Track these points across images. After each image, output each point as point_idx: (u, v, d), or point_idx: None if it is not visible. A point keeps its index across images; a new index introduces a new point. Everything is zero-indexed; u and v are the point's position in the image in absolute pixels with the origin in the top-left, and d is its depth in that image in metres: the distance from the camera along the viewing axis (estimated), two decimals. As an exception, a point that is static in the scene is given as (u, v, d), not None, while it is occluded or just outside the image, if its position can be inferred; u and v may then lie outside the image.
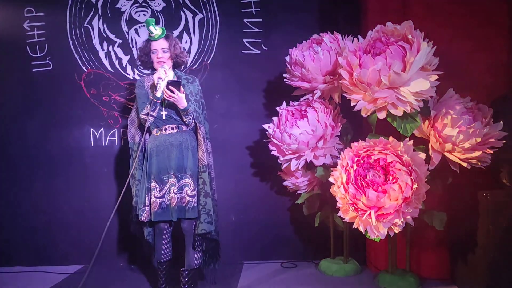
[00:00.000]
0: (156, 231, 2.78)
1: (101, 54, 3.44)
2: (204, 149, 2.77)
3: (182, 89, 2.70)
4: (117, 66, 3.43)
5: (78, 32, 3.42)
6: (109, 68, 3.44)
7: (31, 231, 3.46)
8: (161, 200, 2.68)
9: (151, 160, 2.74)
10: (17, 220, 3.46)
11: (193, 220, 2.70)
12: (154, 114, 2.72)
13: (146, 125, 2.72)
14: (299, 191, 3.19)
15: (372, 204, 2.45)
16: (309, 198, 3.16)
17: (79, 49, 3.43)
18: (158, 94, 2.68)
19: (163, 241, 2.77)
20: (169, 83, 2.66)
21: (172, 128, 2.76)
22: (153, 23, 2.72)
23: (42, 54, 3.42)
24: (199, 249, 2.75)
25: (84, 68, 3.43)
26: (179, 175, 2.69)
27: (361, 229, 2.53)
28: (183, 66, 2.98)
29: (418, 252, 2.97)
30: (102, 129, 3.44)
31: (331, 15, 3.31)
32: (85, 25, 3.43)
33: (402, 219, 2.45)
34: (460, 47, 2.86)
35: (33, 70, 3.43)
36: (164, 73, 2.71)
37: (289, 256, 3.43)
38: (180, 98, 2.68)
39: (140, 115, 2.76)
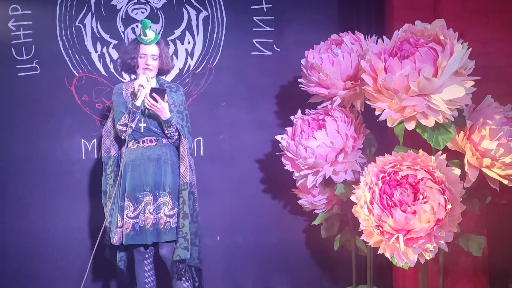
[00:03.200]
0: (135, 257, 2.80)
1: (94, 57, 3.49)
2: (187, 165, 2.81)
3: (166, 97, 2.76)
4: (112, 69, 3.48)
5: (68, 32, 3.48)
6: (103, 72, 3.48)
7: (15, 255, 3.48)
8: (135, 221, 2.72)
9: (125, 175, 2.78)
10: (-1, 243, 3.50)
11: (173, 245, 2.72)
12: (133, 125, 2.77)
13: (123, 137, 2.78)
14: (316, 211, 3.18)
15: (400, 226, 2.44)
16: (328, 218, 3.16)
17: (70, 51, 3.48)
18: (138, 103, 2.74)
19: (145, 268, 2.79)
20: (152, 90, 2.72)
21: (151, 141, 2.81)
22: (150, 26, 2.79)
23: (29, 56, 3.48)
24: (186, 278, 2.76)
25: (75, 72, 3.48)
26: (156, 193, 2.74)
27: (388, 255, 2.52)
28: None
29: (452, 281, 2.95)
30: (95, 140, 3.48)
31: (352, 13, 3.33)
32: (77, 24, 3.48)
33: (435, 244, 2.44)
34: (498, 49, 2.86)
35: (19, 74, 3.48)
36: (146, 80, 2.78)
37: (305, 284, 3.43)
38: (163, 108, 2.74)
39: (117, 125, 2.80)
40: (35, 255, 3.47)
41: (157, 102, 2.72)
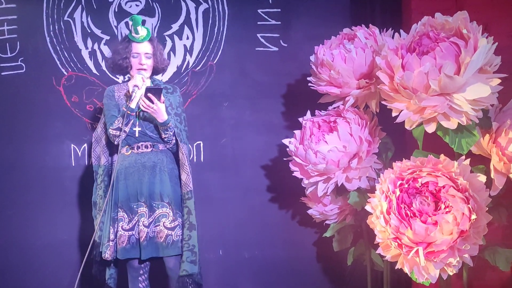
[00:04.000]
0: (129, 273, 2.80)
1: (85, 54, 3.50)
2: (188, 172, 2.83)
3: (162, 98, 2.78)
4: (104, 68, 3.49)
5: (56, 27, 3.49)
6: (94, 71, 3.50)
7: (-1, 271, 3.50)
8: (130, 233, 2.74)
9: (118, 184, 2.80)
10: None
11: (180, 257, 2.74)
12: (127, 129, 2.79)
13: (116, 142, 2.80)
14: (327, 222, 3.18)
15: (420, 239, 2.43)
16: (340, 230, 3.16)
17: (58, 48, 3.50)
18: (133, 105, 2.77)
19: (140, 285, 2.79)
20: (147, 90, 2.75)
21: (146, 147, 2.83)
22: (141, 22, 2.82)
23: (13, 54, 3.49)
24: None
25: (64, 70, 3.49)
26: (153, 204, 2.76)
27: (406, 270, 2.51)
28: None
29: (478, 298, 2.95)
30: (85, 145, 3.48)
31: (366, 4, 3.34)
32: (65, 18, 3.50)
33: (458, 258, 2.43)
34: (527, 43, 2.86)
35: (2, 73, 3.49)
36: (142, 80, 2.82)
37: (316, 302, 3.42)
38: (160, 109, 2.75)
39: (109, 130, 2.82)
40: (20, 271, 3.47)
41: (153, 103, 2.74)
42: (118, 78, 3.48)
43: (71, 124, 3.48)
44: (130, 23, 2.86)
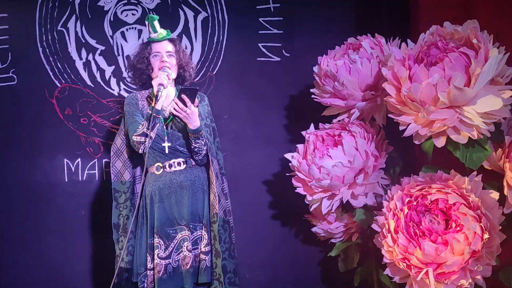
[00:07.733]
0: None
1: (79, 64, 3.51)
2: (217, 191, 2.74)
3: (197, 101, 2.64)
4: (99, 79, 3.50)
5: (49, 37, 3.50)
6: (89, 82, 3.50)
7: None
8: (167, 261, 2.62)
9: (152, 208, 2.69)
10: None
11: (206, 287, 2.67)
12: (153, 134, 2.62)
13: (141, 151, 2.65)
14: (332, 240, 3.18)
15: (430, 259, 2.42)
16: (346, 249, 3.15)
17: (51, 59, 3.51)
18: (159, 106, 2.61)
19: None
20: (182, 91, 2.59)
21: (179, 164, 2.72)
22: (157, 19, 2.76)
23: (5, 65, 3.50)
24: None
25: (57, 82, 3.50)
26: (192, 226, 2.66)
27: (416, 292, 2.50)
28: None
29: (491, 322, 2.91)
30: (79, 159, 3.48)
31: (372, 13, 3.35)
32: (59, 28, 3.51)
33: (470, 280, 2.41)
34: (541, 53, 2.84)
35: (-7, 85, 3.52)
36: (167, 78, 2.68)
37: (320, 325, 3.40)
38: (194, 113, 2.61)
39: (133, 137, 2.66)
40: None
41: (186, 106, 2.58)
42: (113, 90, 3.49)
43: (64, 138, 3.47)
44: (147, 23, 2.80)
